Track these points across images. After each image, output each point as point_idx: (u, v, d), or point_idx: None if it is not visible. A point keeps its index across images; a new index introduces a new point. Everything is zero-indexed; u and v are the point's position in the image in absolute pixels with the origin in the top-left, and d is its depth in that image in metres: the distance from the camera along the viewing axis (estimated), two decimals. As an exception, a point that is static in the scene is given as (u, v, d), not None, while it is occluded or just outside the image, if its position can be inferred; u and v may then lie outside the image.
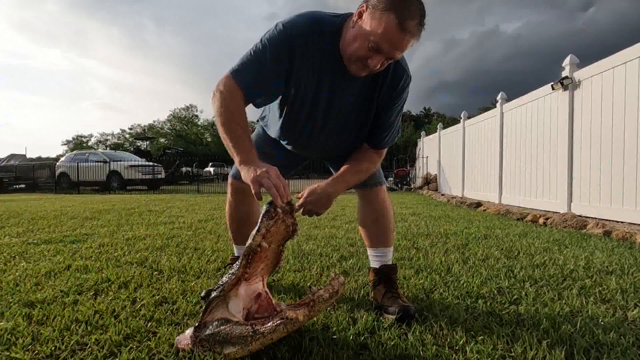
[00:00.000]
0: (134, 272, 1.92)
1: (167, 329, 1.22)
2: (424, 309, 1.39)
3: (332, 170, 1.63)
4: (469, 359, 1.03)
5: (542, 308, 1.40)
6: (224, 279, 1.12)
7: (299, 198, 1.34)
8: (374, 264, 1.55)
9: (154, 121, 46.41)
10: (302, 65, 1.23)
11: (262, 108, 1.68)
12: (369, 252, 1.57)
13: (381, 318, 1.32)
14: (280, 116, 1.40)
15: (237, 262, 1.10)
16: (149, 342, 1.14)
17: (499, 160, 6.27)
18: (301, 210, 1.31)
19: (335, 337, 1.17)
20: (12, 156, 16.38)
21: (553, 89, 4.61)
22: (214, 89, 1.24)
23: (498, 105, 6.33)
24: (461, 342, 1.11)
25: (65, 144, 47.75)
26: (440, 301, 1.47)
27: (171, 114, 46.07)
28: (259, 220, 1.06)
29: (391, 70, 1.27)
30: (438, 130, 10.32)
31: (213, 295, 1.13)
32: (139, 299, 1.53)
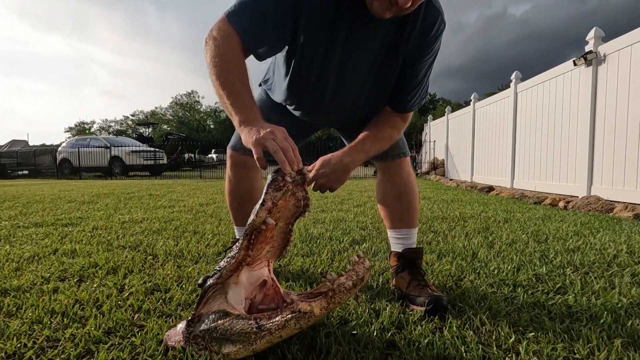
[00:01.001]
0: (126, 257, 1.74)
1: (157, 322, 1.04)
2: (456, 299, 1.19)
3: (345, 142, 1.42)
4: (524, 361, 0.83)
5: (594, 299, 1.20)
6: (222, 263, 0.92)
7: (310, 171, 1.13)
8: (396, 247, 1.35)
9: (156, 107, 46.04)
10: (312, 7, 1.00)
11: (265, 70, 1.46)
12: (390, 234, 1.37)
13: (407, 310, 1.13)
14: (287, 74, 1.18)
15: (237, 244, 0.90)
16: (133, 337, 0.96)
17: (512, 143, 6.01)
18: (312, 185, 1.11)
19: (355, 332, 0.98)
20: (14, 142, 16.24)
21: (575, 64, 4.32)
22: (206, 37, 1.02)
23: (512, 85, 6.03)
24: (510, 340, 0.92)
25: (67, 131, 47.62)
26: (473, 290, 1.28)
27: (173, 101, 45.71)
28: (264, 192, 0.85)
29: (422, 13, 1.04)
30: (446, 114, 10.01)
31: (209, 282, 0.94)
32: (128, 286, 1.34)
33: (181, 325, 0.96)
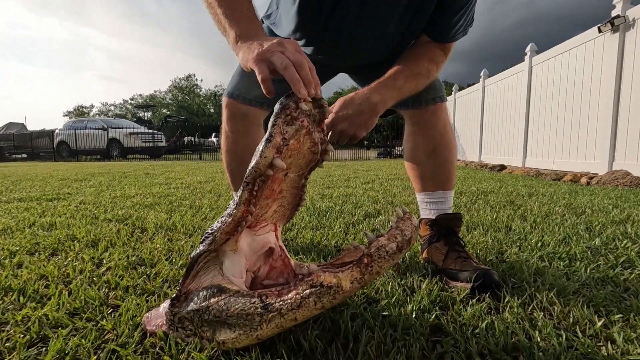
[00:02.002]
0: (110, 230, 1.52)
1: (135, 302, 0.82)
2: (506, 274, 0.97)
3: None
4: (625, 352, 0.61)
5: (674, 273, 0.97)
6: (216, 224, 0.70)
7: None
8: (428, 213, 1.12)
9: (155, 91, 45.33)
10: None
11: (268, 3, 1.20)
12: (420, 198, 1.14)
13: (447, 287, 0.91)
14: None
15: (235, 198, 0.67)
16: (103, 320, 0.74)
17: (525, 120, 5.72)
18: (329, 133, 0.88)
19: (387, 314, 0.76)
20: (10, 125, 15.92)
21: (600, 31, 4.01)
22: None
23: (526, 58, 5.70)
24: (598, 324, 0.70)
25: (66, 115, 47.08)
26: (522, 264, 1.06)
27: (172, 84, 45.05)
28: (270, 124, 0.62)
29: None
30: (453, 93, 9.67)
31: (199, 249, 0.72)
32: (107, 260, 1.13)
33: (164, 305, 0.75)
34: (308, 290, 0.58)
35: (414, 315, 0.75)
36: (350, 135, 0.89)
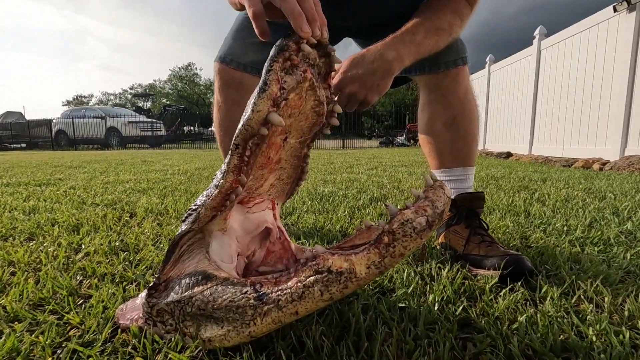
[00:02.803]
0: (97, 214, 1.41)
1: (111, 291, 0.71)
2: (536, 261, 0.86)
3: None
4: None
5: None
6: (200, 199, 0.58)
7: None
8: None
9: (155, 81, 44.87)
10: None
11: None
12: (437, 176, 1.01)
13: (469, 274, 0.80)
14: None
15: (223, 166, 0.55)
16: (70, 313, 0.63)
17: (532, 106, 5.56)
18: (337, 96, 0.75)
19: (404, 305, 0.65)
20: (8, 114, 15.72)
21: (615, 10, 3.82)
22: None
23: (535, 42, 5.51)
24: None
25: (65, 105, 46.71)
26: (552, 249, 0.94)
27: (171, 73, 44.59)
28: (265, 70, 0.49)
29: None
30: (457, 80, 9.45)
31: (181, 229, 0.60)
32: (87, 245, 1.01)
33: (143, 295, 0.63)
34: (312, 278, 0.46)
35: (436, 308, 0.63)
36: (360, 99, 0.76)
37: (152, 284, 0.59)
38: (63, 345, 0.54)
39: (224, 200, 0.54)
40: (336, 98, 0.77)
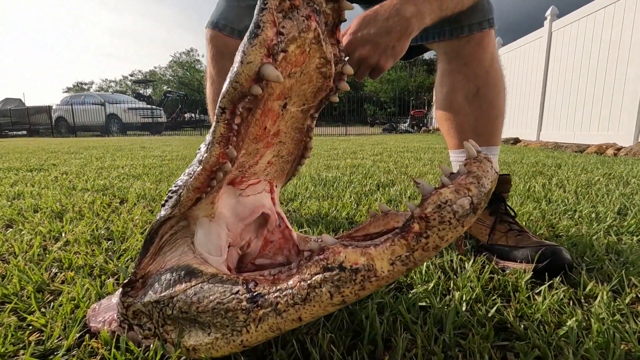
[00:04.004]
0: (85, 200, 1.31)
1: (86, 287, 0.61)
2: (572, 253, 0.75)
3: None
4: None
5: None
6: (182, 178, 0.48)
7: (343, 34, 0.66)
8: (465, 176, 0.89)
9: (155, 67, 44.39)
10: None
11: None
12: (456, 156, 0.90)
13: (497, 267, 0.70)
14: None
15: (208, 134, 0.44)
16: (34, 314, 0.53)
17: (542, 91, 5.39)
18: (347, 58, 0.64)
19: (425, 304, 0.55)
20: (7, 101, 15.56)
21: (634, -13, 3.63)
22: None
23: (546, 23, 5.30)
24: None
25: (66, 92, 46.42)
26: (587, 239, 0.83)
27: (172, 59, 44.08)
28: (257, 8, 0.38)
29: None
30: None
31: (160, 215, 0.50)
32: (69, 233, 0.92)
33: (116, 295, 0.54)
34: (320, 276, 0.36)
35: (464, 308, 0.53)
36: (372, 65, 0.65)
37: (127, 280, 0.49)
38: (17, 355, 0.45)
39: (210, 179, 0.44)
40: (347, 58, 0.66)
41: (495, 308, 0.53)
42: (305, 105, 0.52)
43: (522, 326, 0.49)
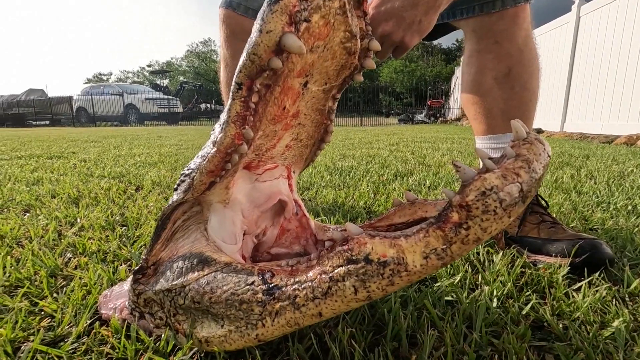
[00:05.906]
0: (100, 186, 1.31)
1: (98, 272, 0.60)
2: (613, 247, 0.70)
3: None
4: None
5: None
6: (195, 160, 0.45)
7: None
8: (493, 164, 0.84)
9: (172, 58, 44.77)
10: None
11: None
12: (483, 143, 0.84)
13: (527, 261, 0.65)
14: None
15: (223, 114, 0.41)
16: (46, 300, 0.52)
17: (567, 79, 5.16)
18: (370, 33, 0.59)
19: (452, 299, 0.51)
20: (31, 91, 15.99)
21: (673, -33, 3.40)
22: None
23: (574, 7, 5.04)
24: None
25: (86, 83, 47.48)
26: (626, 232, 0.78)
27: (189, 49, 44.35)
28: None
29: None
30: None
31: (172, 199, 0.47)
32: (84, 219, 0.91)
33: (128, 282, 0.52)
34: (343, 269, 0.33)
35: (495, 304, 0.49)
36: (395, 42, 0.60)
37: (138, 266, 0.47)
38: (28, 341, 0.44)
39: (224, 161, 0.41)
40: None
41: (529, 305, 0.49)
42: (327, 85, 0.48)
43: (560, 325, 0.45)
